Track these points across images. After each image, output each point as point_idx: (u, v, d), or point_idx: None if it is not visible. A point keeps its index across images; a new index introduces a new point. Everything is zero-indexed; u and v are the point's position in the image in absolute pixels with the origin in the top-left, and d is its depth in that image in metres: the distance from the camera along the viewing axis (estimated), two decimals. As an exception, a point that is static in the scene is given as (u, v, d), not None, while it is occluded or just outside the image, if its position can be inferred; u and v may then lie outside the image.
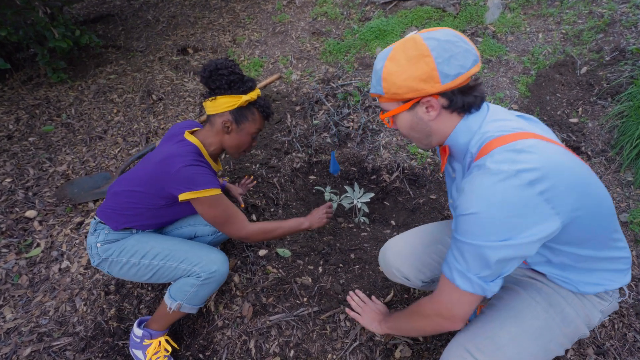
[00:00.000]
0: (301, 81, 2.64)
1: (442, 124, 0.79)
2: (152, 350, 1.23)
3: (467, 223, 0.69)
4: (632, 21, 2.29)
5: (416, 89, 0.74)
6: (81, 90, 2.89)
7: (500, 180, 0.65)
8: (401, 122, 0.83)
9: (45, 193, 2.04)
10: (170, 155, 1.10)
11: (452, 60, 0.71)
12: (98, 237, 1.21)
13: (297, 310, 1.37)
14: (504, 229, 0.66)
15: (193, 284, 1.15)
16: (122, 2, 4.22)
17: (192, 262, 1.16)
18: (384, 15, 3.03)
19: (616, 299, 0.86)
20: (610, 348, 1.19)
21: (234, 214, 1.16)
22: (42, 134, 2.49)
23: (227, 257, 1.24)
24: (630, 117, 1.70)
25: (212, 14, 3.66)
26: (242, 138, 1.22)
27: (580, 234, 0.73)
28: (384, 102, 0.83)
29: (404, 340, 1.26)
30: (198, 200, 1.11)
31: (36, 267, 1.67)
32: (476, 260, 0.70)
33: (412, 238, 1.12)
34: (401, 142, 2.10)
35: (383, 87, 0.78)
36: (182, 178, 1.08)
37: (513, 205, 0.65)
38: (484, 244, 0.67)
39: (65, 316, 1.47)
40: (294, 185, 2.00)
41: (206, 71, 1.13)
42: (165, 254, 1.17)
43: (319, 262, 1.54)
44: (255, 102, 1.19)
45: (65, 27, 2.81)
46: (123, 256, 1.18)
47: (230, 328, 1.36)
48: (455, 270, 0.74)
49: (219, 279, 1.18)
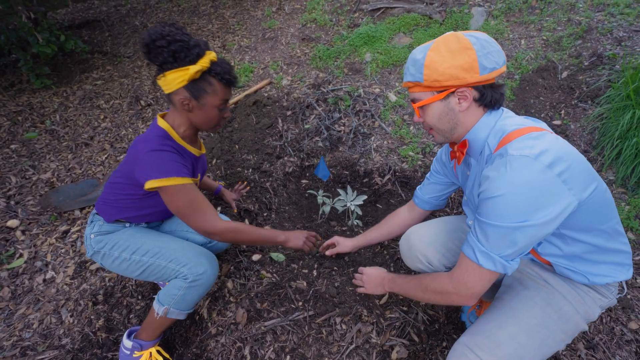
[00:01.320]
0: (292, 86, 2.65)
1: (468, 117, 0.86)
2: (145, 358, 1.19)
3: (494, 205, 0.74)
4: (607, 28, 2.41)
5: (457, 77, 0.80)
6: (66, 97, 2.83)
7: (523, 164, 0.71)
8: (432, 111, 0.88)
9: (28, 202, 1.97)
10: (137, 141, 1.05)
11: (489, 56, 0.80)
12: (93, 228, 1.20)
13: (293, 315, 1.35)
14: (528, 209, 0.71)
15: (180, 287, 1.11)
16: (108, 8, 4.18)
17: (180, 262, 1.11)
18: (373, 22, 3.08)
19: (615, 295, 0.90)
20: (599, 342, 1.22)
21: (201, 206, 1.06)
22: (25, 141, 2.42)
23: (217, 261, 1.20)
24: (610, 119, 1.77)
25: (201, 20, 3.66)
26: (207, 113, 1.08)
27: (592, 218, 0.79)
28: (417, 92, 0.88)
29: (400, 341, 1.26)
30: (162, 189, 1.02)
31: (19, 279, 1.60)
32: (501, 240, 0.75)
33: (434, 225, 1.17)
34: (392, 145, 2.13)
35: (424, 74, 0.83)
36: (145, 164, 1.01)
37: (535, 187, 0.70)
38: (510, 224, 0.72)
39: (51, 328, 1.41)
40: (286, 189, 2.00)
41: (144, 46, 0.98)
42: (155, 251, 1.13)
43: (314, 266, 1.54)
44: (210, 70, 1.02)
45: (49, 32, 2.76)
46: (115, 250, 1.15)
47: (224, 335, 1.33)
48: (479, 251, 0.78)
49: (206, 282, 1.12)
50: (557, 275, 0.92)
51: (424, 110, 0.90)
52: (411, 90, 0.90)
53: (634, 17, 2.48)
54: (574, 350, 1.20)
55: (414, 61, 0.86)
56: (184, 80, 1.00)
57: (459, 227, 1.13)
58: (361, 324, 1.31)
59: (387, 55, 2.70)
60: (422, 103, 0.88)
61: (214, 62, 1.03)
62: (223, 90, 1.07)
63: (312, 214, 1.93)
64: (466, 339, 0.87)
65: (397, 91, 2.46)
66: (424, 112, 0.90)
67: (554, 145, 0.73)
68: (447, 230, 1.13)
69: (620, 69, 2.00)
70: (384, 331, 1.29)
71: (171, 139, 1.09)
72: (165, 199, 1.04)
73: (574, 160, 0.73)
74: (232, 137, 2.27)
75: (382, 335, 1.28)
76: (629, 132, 1.65)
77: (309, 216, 1.91)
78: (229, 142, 2.24)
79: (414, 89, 0.89)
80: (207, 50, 1.02)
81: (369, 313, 1.34)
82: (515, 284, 0.95)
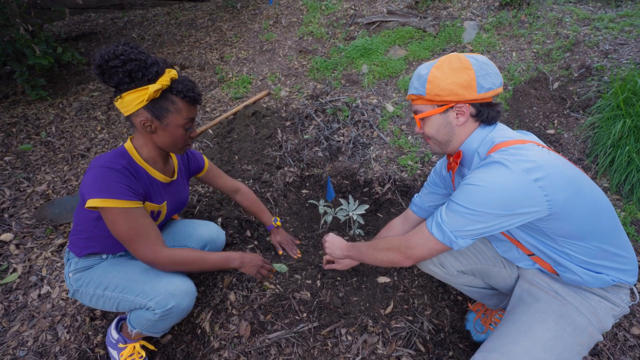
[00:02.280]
0: (290, 97, 2.68)
1: (463, 131, 0.94)
2: (126, 353, 1.19)
3: (468, 190, 0.83)
4: (594, 42, 2.51)
5: (456, 93, 0.88)
6: (62, 108, 2.81)
7: (503, 168, 0.79)
8: (431, 123, 0.96)
9: (23, 214, 1.93)
10: (92, 161, 1.01)
11: (487, 77, 0.88)
12: (70, 266, 1.15)
13: (297, 327, 1.33)
14: (498, 204, 0.79)
15: (149, 318, 1.05)
16: (105, 20, 4.20)
17: (147, 296, 1.03)
18: (368, 34, 3.16)
19: (627, 303, 0.90)
20: (603, 348, 1.22)
21: (142, 234, 0.98)
22: (20, 152, 2.38)
23: (192, 288, 1.10)
24: (602, 127, 1.83)
25: (198, 32, 3.70)
26: (172, 133, 1.02)
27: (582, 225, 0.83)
28: (419, 104, 0.96)
29: (406, 352, 1.25)
30: (103, 210, 0.95)
31: (12, 294, 1.55)
32: (458, 218, 0.84)
33: None
34: (391, 154, 2.15)
35: (426, 89, 0.91)
36: (89, 180, 0.94)
37: (510, 188, 0.78)
38: (473, 209, 0.81)
39: (46, 346, 1.36)
40: (287, 199, 2.00)
41: (96, 67, 0.91)
42: (123, 285, 1.06)
43: (317, 276, 1.53)
44: (172, 88, 0.96)
45: (46, 44, 2.75)
46: (90, 287, 1.10)
47: (228, 349, 1.30)
48: (435, 222, 0.89)
49: (178, 314, 1.05)
50: (567, 286, 0.92)
51: (424, 122, 0.98)
52: (414, 102, 0.99)
53: (617, 31, 2.59)
54: (579, 357, 1.21)
55: (418, 76, 0.94)
56: (143, 101, 0.94)
57: None
58: (367, 334, 1.29)
59: (383, 67, 2.76)
60: (423, 115, 0.96)
61: (175, 79, 0.97)
62: (187, 108, 1.01)
63: (312, 224, 1.93)
64: (481, 357, 0.87)
65: (395, 102, 2.51)
66: (424, 123, 0.98)
67: (536, 155, 0.80)
68: None
69: (609, 80, 2.07)
70: (390, 342, 1.28)
71: (128, 158, 1.03)
72: (105, 222, 0.97)
73: (555, 170, 0.79)
74: (232, 148, 2.27)
75: (388, 345, 1.27)
76: (620, 140, 1.70)
77: (310, 226, 1.91)
78: (228, 152, 2.24)
79: (417, 101, 0.97)
80: (166, 68, 0.97)
81: (375, 323, 1.33)
82: (526, 296, 0.96)
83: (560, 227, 0.82)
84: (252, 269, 1.20)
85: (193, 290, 1.10)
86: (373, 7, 3.51)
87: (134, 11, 4.40)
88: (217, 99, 2.79)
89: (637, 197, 1.60)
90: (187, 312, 1.10)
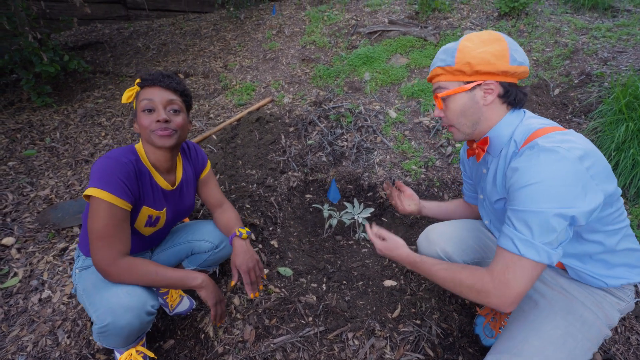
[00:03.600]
0: (293, 104, 2.70)
1: (491, 113, 0.86)
2: (124, 357, 1.14)
3: (531, 192, 0.72)
4: (592, 50, 2.55)
5: (488, 62, 0.81)
6: (67, 114, 2.83)
7: (556, 154, 0.71)
8: (455, 104, 0.87)
9: (25, 219, 1.91)
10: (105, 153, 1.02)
11: (519, 51, 0.83)
12: (78, 262, 1.16)
13: (303, 331, 1.31)
14: (564, 196, 0.70)
15: (95, 332, 0.98)
16: (111, 30, 4.28)
17: (94, 307, 0.97)
18: (370, 43, 3.21)
19: (632, 299, 0.89)
20: (616, 352, 1.20)
21: (114, 237, 0.94)
22: (23, 158, 2.39)
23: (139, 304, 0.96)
24: (604, 132, 1.84)
25: (202, 41, 3.76)
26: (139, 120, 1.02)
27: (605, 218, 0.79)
28: (444, 81, 0.87)
29: (415, 356, 1.22)
30: (92, 200, 0.93)
31: (12, 299, 1.52)
32: (541, 226, 0.71)
33: (452, 223, 1.17)
34: (395, 159, 2.16)
35: (456, 57, 0.83)
36: (93, 171, 0.94)
37: (570, 176, 0.70)
38: (549, 209, 0.70)
39: (46, 351, 1.33)
40: (290, 204, 1.99)
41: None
42: (89, 290, 1.02)
43: (322, 280, 1.51)
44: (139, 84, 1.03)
45: (53, 52, 2.80)
46: (80, 284, 1.10)
47: (232, 354, 1.27)
48: (519, 240, 0.73)
49: (117, 332, 0.95)
50: (572, 281, 0.91)
51: (447, 102, 0.88)
52: (437, 79, 0.89)
53: (615, 40, 2.63)
54: (592, 361, 1.18)
55: (445, 49, 0.87)
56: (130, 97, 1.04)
57: (477, 227, 1.14)
58: (374, 338, 1.27)
59: (385, 74, 2.80)
60: (448, 93, 0.86)
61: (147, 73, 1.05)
62: (145, 91, 1.01)
63: (317, 228, 1.91)
64: (494, 359, 0.85)
65: (397, 108, 2.53)
66: (447, 103, 0.88)
67: (581, 142, 0.75)
68: (466, 229, 1.14)
69: (609, 86, 2.10)
70: (397, 346, 1.25)
71: (137, 156, 1.03)
72: (88, 213, 0.94)
73: (597, 158, 0.74)
74: (236, 153, 2.28)
75: (396, 350, 1.24)
76: (624, 144, 1.71)
77: (314, 231, 1.90)
78: (232, 157, 2.25)
79: (441, 77, 0.88)
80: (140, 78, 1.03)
81: (382, 327, 1.30)
82: (532, 293, 0.94)
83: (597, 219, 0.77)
84: (212, 297, 1.06)
85: (138, 306, 0.95)
86: (374, 17, 3.58)
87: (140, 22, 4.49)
88: (221, 106, 2.81)
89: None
90: (131, 329, 0.96)
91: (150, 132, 1.00)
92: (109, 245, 0.95)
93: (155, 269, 1.01)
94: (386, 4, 3.81)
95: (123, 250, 0.97)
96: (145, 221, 1.09)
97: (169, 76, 1.04)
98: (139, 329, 1.00)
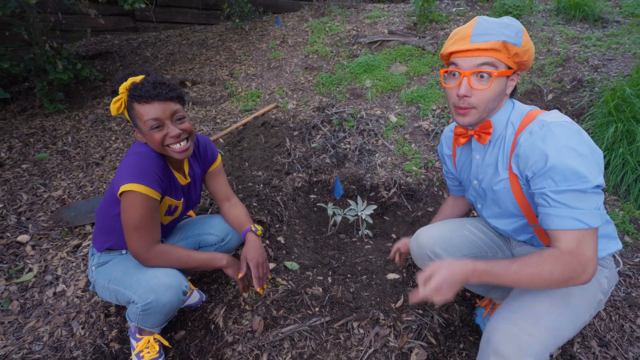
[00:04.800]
0: (297, 109, 2.80)
1: (503, 101, 0.92)
2: (141, 346, 1.21)
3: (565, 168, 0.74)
4: (584, 58, 2.67)
5: (531, 56, 0.87)
6: (78, 120, 2.93)
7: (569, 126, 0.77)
8: (496, 86, 0.85)
9: (39, 217, 1.98)
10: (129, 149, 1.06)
11: None
12: (93, 260, 1.23)
13: (310, 321, 1.36)
14: (593, 161, 0.75)
15: (135, 312, 1.07)
16: (120, 41, 4.43)
17: (133, 289, 1.06)
18: (370, 52, 3.34)
19: (614, 267, 0.96)
20: (611, 340, 1.25)
21: (149, 226, 1.01)
22: (37, 161, 2.47)
23: (177, 282, 1.05)
24: (595, 133, 1.93)
25: (209, 51, 3.90)
26: (148, 138, 1.02)
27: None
28: (499, 59, 0.83)
29: (418, 344, 1.27)
30: (127, 193, 0.96)
31: (28, 292, 1.58)
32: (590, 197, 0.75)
33: (440, 225, 1.21)
34: (396, 161, 2.24)
35: (523, 40, 0.83)
36: (125, 166, 0.98)
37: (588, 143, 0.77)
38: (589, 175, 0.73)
39: (61, 341, 1.38)
40: (296, 203, 2.06)
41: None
42: (119, 278, 1.11)
43: (328, 273, 1.56)
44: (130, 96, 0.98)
45: (67, 61, 2.91)
46: (102, 279, 1.17)
47: (241, 343, 1.32)
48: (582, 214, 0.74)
49: (159, 309, 1.04)
50: None
51: (494, 82, 0.84)
52: (492, 54, 0.82)
53: (605, 49, 2.76)
54: (587, 347, 1.23)
55: (507, 25, 0.82)
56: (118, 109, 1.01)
57: (462, 226, 1.18)
58: (379, 327, 1.32)
59: (385, 81, 2.91)
60: (501, 73, 0.83)
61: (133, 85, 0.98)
62: (143, 109, 0.97)
63: (321, 227, 1.98)
64: (503, 318, 0.86)
65: (397, 113, 2.63)
66: (493, 83, 0.84)
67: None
68: (451, 230, 1.17)
69: (600, 91, 2.20)
70: (401, 334, 1.30)
71: (156, 157, 1.07)
72: (122, 206, 0.98)
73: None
74: (242, 155, 2.36)
75: (399, 338, 1.29)
76: (614, 144, 1.79)
77: (319, 229, 1.96)
78: (239, 160, 2.33)
79: (498, 54, 0.82)
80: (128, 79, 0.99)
81: (386, 317, 1.35)
82: None
83: None
84: (236, 271, 1.17)
85: (177, 285, 1.05)
86: (374, 28, 3.73)
87: (147, 33, 4.65)
88: (227, 111, 2.91)
89: (633, 196, 1.66)
90: (171, 307, 1.06)
91: (166, 147, 1.03)
92: (145, 235, 1.02)
93: (187, 252, 1.10)
94: (385, 16, 3.97)
95: (157, 238, 1.05)
96: (165, 210, 1.16)
97: (160, 84, 0.99)
98: (176, 307, 1.09)
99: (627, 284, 1.43)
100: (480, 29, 0.83)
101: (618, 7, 3.69)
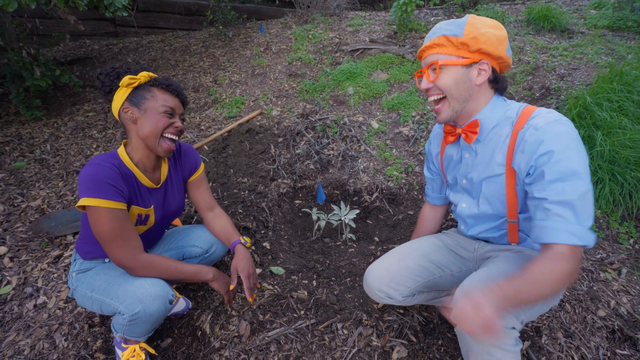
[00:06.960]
0: (281, 116, 2.85)
1: (481, 95, 0.92)
2: (126, 355, 1.21)
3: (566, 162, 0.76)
4: (551, 67, 2.84)
5: (492, 44, 0.86)
6: (57, 127, 2.86)
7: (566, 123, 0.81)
8: (451, 74, 0.89)
9: (17, 228, 1.93)
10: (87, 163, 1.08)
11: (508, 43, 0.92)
12: (74, 266, 1.22)
13: (295, 324, 1.40)
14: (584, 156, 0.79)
15: (122, 323, 1.07)
16: (100, 46, 4.35)
17: (119, 300, 1.05)
18: (353, 60, 3.43)
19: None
20: (575, 331, 1.35)
21: (124, 236, 1.02)
22: (13, 170, 2.40)
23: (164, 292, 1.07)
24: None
25: (192, 57, 3.89)
26: (151, 119, 1.07)
27: None
28: (443, 53, 0.89)
29: (399, 342, 1.33)
30: (89, 209, 0.98)
31: (7, 305, 1.54)
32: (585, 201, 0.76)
33: (385, 261, 1.20)
34: (378, 166, 2.32)
35: (465, 29, 0.85)
36: (80, 181, 0.99)
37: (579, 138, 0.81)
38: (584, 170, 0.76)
39: (43, 354, 1.36)
40: (281, 209, 2.10)
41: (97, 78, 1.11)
42: (104, 288, 1.10)
43: (313, 277, 1.61)
44: (149, 82, 1.10)
45: (45, 67, 2.85)
46: (82, 288, 1.16)
47: (228, 348, 1.34)
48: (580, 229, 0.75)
49: (146, 319, 1.05)
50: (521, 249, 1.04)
51: (443, 71, 0.89)
52: (436, 50, 0.90)
53: (570, 58, 2.95)
54: (554, 339, 1.32)
55: (451, 22, 0.88)
56: (126, 92, 1.08)
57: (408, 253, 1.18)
58: (362, 327, 1.37)
59: (367, 88, 3.00)
60: (446, 62, 0.87)
61: (153, 77, 1.12)
62: (162, 95, 1.09)
63: (306, 232, 2.02)
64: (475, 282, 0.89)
65: (379, 119, 2.72)
66: (443, 72, 0.89)
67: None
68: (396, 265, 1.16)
69: (565, 99, 2.35)
70: (383, 333, 1.36)
71: (119, 160, 1.09)
72: (89, 221, 1.00)
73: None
74: (227, 162, 2.38)
75: (382, 337, 1.35)
76: (577, 149, 1.93)
77: (304, 234, 2.00)
78: (224, 166, 2.35)
79: (440, 49, 0.89)
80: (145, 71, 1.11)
81: (369, 317, 1.41)
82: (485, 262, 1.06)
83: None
84: (223, 287, 1.20)
85: (163, 294, 1.06)
86: (356, 36, 3.83)
87: (128, 38, 4.59)
88: (212, 118, 2.92)
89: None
90: (158, 316, 1.08)
91: (161, 137, 1.10)
92: (123, 244, 1.03)
93: (175, 264, 1.11)
94: (367, 24, 4.08)
95: (137, 245, 1.06)
96: (135, 220, 1.15)
97: (180, 87, 1.16)
98: (163, 316, 1.10)
99: (590, 278, 1.55)
100: (431, 32, 0.93)
101: (583, 18, 3.94)
